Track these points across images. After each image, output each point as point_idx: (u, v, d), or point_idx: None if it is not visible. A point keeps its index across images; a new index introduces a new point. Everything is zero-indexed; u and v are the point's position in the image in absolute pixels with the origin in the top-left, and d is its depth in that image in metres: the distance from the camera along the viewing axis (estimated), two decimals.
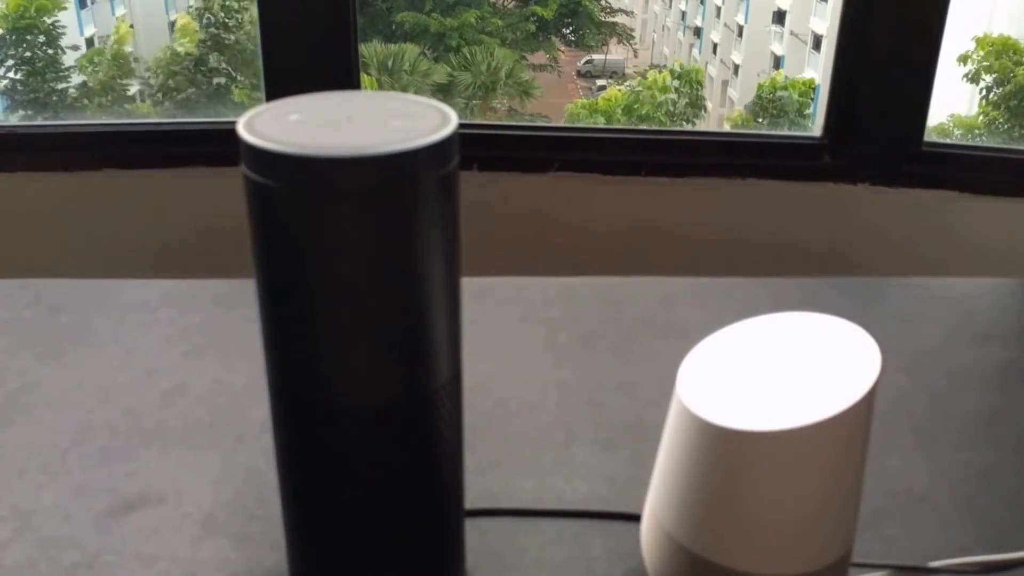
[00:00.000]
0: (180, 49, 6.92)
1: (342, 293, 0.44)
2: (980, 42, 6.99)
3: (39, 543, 0.59)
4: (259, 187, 0.42)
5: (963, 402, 0.76)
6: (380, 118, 0.45)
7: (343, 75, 1.28)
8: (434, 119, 0.44)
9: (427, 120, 0.44)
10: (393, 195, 0.42)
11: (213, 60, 6.96)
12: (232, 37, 6.99)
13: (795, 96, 8.12)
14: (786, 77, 8.53)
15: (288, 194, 0.42)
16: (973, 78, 6.97)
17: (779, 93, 8.17)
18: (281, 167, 0.41)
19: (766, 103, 8.25)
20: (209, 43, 7.00)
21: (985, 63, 6.98)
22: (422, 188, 0.43)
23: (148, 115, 7.01)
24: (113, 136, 1.38)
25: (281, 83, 1.29)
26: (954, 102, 7.13)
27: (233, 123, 0.44)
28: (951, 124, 6.92)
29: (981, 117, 7.02)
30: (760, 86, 8.47)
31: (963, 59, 6.85)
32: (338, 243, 0.42)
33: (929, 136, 1.32)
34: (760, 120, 8.24)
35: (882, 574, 0.57)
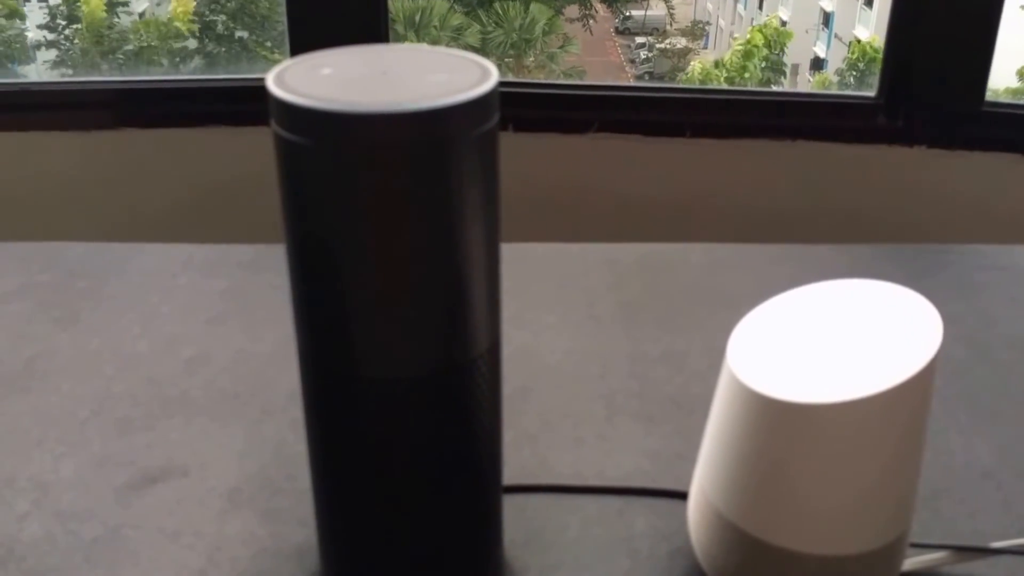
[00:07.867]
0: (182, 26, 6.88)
1: (377, 257, 0.43)
2: None
3: (58, 516, 0.59)
4: (290, 145, 0.42)
5: None
6: (417, 72, 0.45)
7: (371, 30, 1.26)
8: (473, 73, 0.43)
9: (466, 74, 0.43)
10: (431, 153, 0.41)
11: (221, 26, 6.98)
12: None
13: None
14: None
15: (321, 152, 0.41)
16: None
17: None
18: (314, 124, 0.40)
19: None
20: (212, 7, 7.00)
21: None
22: (462, 146, 0.42)
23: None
24: (131, 93, 1.35)
25: (306, 39, 1.26)
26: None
27: (257, 80, 0.42)
28: None
29: None
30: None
31: None
32: (373, 204, 0.42)
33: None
34: None
35: (941, 555, 0.56)
